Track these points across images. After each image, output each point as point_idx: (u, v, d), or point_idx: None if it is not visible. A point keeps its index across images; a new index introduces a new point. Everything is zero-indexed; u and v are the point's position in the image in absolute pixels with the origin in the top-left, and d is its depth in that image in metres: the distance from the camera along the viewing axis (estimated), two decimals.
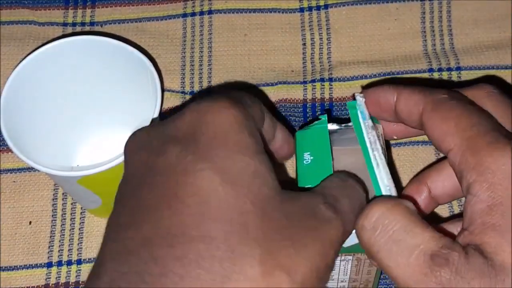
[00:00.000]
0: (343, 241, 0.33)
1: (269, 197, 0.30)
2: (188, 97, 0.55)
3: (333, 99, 0.55)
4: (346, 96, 0.55)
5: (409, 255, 0.31)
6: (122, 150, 0.36)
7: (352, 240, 0.37)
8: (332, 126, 0.40)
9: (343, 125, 0.41)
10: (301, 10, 0.58)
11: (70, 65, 0.47)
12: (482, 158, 0.32)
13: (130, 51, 0.46)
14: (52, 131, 0.49)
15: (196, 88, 0.56)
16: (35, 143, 0.46)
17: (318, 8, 0.58)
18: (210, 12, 0.58)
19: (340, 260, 0.39)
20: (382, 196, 0.36)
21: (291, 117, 0.54)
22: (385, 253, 0.32)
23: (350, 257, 0.39)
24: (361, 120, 0.39)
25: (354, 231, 0.36)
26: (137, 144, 0.33)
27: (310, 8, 0.58)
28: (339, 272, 0.41)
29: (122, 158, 0.42)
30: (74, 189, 0.45)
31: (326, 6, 0.58)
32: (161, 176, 0.30)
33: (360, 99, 0.40)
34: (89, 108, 0.50)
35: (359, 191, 0.35)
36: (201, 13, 0.58)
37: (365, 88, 0.41)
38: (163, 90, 0.48)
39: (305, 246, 0.30)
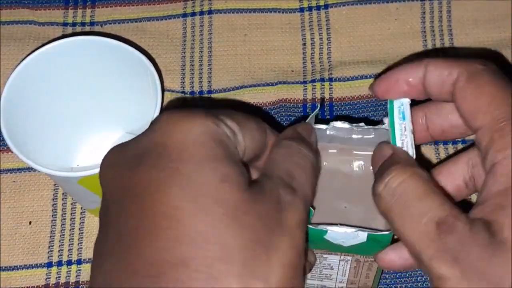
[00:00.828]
0: (307, 214, 0.34)
1: (240, 201, 0.30)
2: (188, 97, 0.55)
3: (333, 99, 0.55)
4: (346, 96, 0.55)
5: (419, 221, 0.32)
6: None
7: (352, 240, 0.37)
8: (341, 124, 0.40)
9: (354, 124, 0.40)
10: (301, 10, 0.58)
11: (70, 65, 0.47)
12: (509, 142, 0.33)
13: (130, 51, 0.46)
14: (52, 131, 0.49)
15: (196, 88, 0.56)
16: (35, 143, 0.46)
17: (318, 8, 0.58)
18: (210, 12, 0.58)
19: (339, 260, 0.39)
20: (400, 163, 0.36)
21: (291, 117, 0.54)
22: (399, 219, 0.33)
23: (350, 258, 0.39)
24: (398, 120, 0.38)
25: (354, 232, 0.36)
26: (111, 165, 0.33)
27: (310, 8, 0.58)
28: (337, 272, 0.40)
29: None
30: (74, 189, 0.45)
31: (326, 6, 0.58)
32: (136, 198, 0.30)
33: (406, 101, 0.38)
34: (89, 108, 0.50)
35: (304, 152, 0.35)
36: (201, 13, 0.58)
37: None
38: (163, 90, 0.48)
39: (277, 249, 0.30)
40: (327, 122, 0.40)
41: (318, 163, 0.37)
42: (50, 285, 0.50)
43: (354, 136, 0.40)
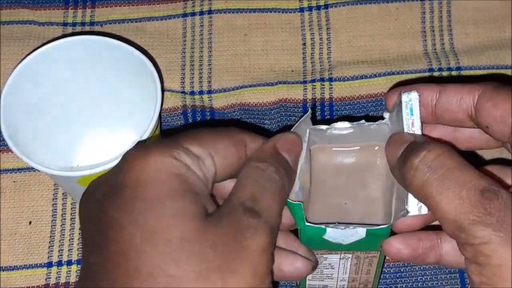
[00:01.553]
0: (275, 236, 0.33)
1: (192, 232, 0.31)
2: (188, 97, 0.55)
3: (333, 99, 0.55)
4: (346, 96, 0.55)
5: (461, 189, 0.32)
6: (122, 150, 0.36)
7: (351, 237, 0.37)
8: (342, 124, 0.40)
9: (355, 123, 0.40)
10: (301, 10, 0.58)
11: (70, 65, 0.47)
12: None
13: (130, 51, 0.46)
14: (52, 131, 0.49)
15: (196, 88, 0.56)
16: (35, 143, 0.46)
17: (318, 8, 0.58)
18: (210, 12, 0.58)
19: (340, 259, 0.40)
20: (429, 142, 0.36)
21: (291, 117, 0.54)
22: (438, 189, 0.33)
23: (350, 255, 0.39)
24: (405, 115, 0.38)
25: (352, 229, 0.36)
26: (85, 201, 0.34)
27: (310, 8, 0.58)
28: (338, 271, 0.41)
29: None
30: (74, 189, 0.45)
31: (326, 6, 0.58)
32: (99, 235, 0.32)
33: (415, 96, 0.38)
34: (89, 108, 0.50)
35: (271, 176, 0.35)
36: (201, 13, 0.58)
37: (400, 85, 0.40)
38: (163, 90, 0.48)
39: (235, 274, 0.30)
40: (328, 122, 0.40)
41: (288, 185, 0.36)
42: (50, 285, 0.50)
43: (353, 132, 0.40)
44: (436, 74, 0.55)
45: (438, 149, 0.34)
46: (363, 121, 0.40)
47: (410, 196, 0.35)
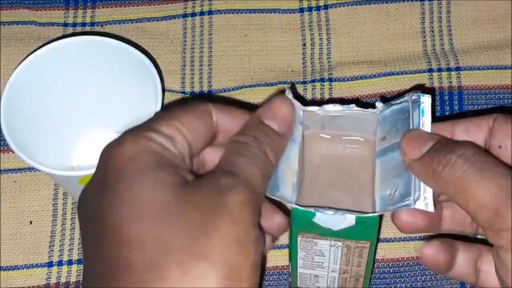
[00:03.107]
0: (258, 196, 0.34)
1: (173, 197, 0.32)
2: (188, 97, 0.55)
3: (333, 99, 0.55)
4: (346, 96, 0.55)
5: (500, 178, 0.34)
6: None
7: (341, 223, 0.37)
8: (334, 107, 0.40)
9: (345, 106, 0.40)
10: (301, 10, 0.58)
11: (70, 65, 0.47)
12: None
13: (130, 51, 0.46)
14: (52, 131, 0.49)
15: (196, 88, 0.56)
16: (35, 143, 0.46)
17: (318, 8, 0.58)
18: (210, 12, 0.58)
19: (330, 246, 0.40)
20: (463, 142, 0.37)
21: None
22: (476, 179, 0.34)
23: (340, 244, 0.39)
24: (416, 116, 0.39)
25: (342, 215, 0.37)
26: (80, 204, 0.36)
27: (310, 8, 0.58)
28: (329, 260, 0.41)
29: None
30: (75, 188, 0.45)
31: (326, 6, 0.58)
32: (93, 222, 0.34)
33: (428, 100, 0.39)
34: (89, 108, 0.50)
35: (249, 144, 0.36)
36: (201, 13, 0.58)
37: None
38: (163, 90, 0.48)
39: (217, 228, 0.32)
40: (319, 104, 0.41)
41: (273, 151, 0.37)
42: (51, 284, 0.50)
43: (345, 118, 0.41)
44: (435, 74, 0.55)
45: (474, 148, 0.35)
46: (353, 105, 0.40)
47: (421, 190, 0.36)
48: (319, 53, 0.57)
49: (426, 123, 0.38)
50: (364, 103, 0.40)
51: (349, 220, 0.37)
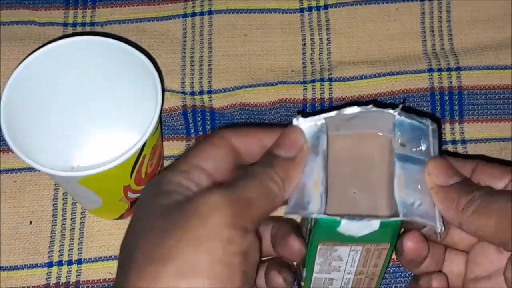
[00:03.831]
0: (245, 201, 0.36)
1: (155, 218, 0.36)
2: (188, 97, 0.55)
3: (333, 99, 0.55)
4: (346, 96, 0.55)
5: None
6: (122, 150, 0.36)
7: (364, 229, 0.37)
8: (351, 110, 0.40)
9: (363, 107, 0.40)
10: (301, 10, 0.58)
11: (71, 65, 0.47)
12: None
13: (130, 51, 0.46)
14: (52, 131, 0.49)
15: (196, 88, 0.56)
16: (35, 143, 0.46)
17: (318, 8, 0.58)
18: (210, 12, 0.58)
19: (350, 251, 0.40)
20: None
21: (291, 117, 0.54)
22: (503, 213, 0.36)
23: (360, 248, 0.39)
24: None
25: (367, 221, 0.37)
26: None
27: (310, 9, 0.58)
28: (346, 263, 0.41)
29: (123, 158, 0.42)
30: (75, 189, 0.45)
31: (326, 7, 0.58)
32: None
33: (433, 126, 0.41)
34: (89, 108, 0.50)
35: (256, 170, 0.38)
36: (201, 13, 0.58)
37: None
38: (163, 90, 0.48)
39: (175, 230, 0.34)
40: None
41: (277, 176, 0.38)
42: (51, 285, 0.50)
43: (359, 118, 0.41)
44: (435, 74, 0.55)
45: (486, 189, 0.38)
46: (371, 105, 0.40)
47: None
48: (319, 53, 0.57)
49: (432, 128, 0.41)
50: (381, 103, 0.41)
51: (374, 225, 0.37)
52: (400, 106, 0.40)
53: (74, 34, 0.56)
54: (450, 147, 0.54)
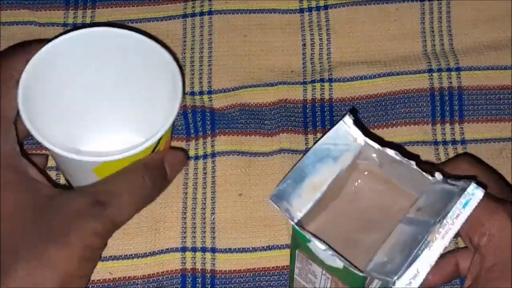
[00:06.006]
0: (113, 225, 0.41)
1: (31, 209, 0.40)
2: (188, 97, 0.55)
3: (333, 100, 0.55)
4: (346, 97, 0.55)
5: None
6: (135, 144, 0.39)
7: (331, 262, 0.37)
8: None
9: (405, 159, 0.40)
10: (301, 10, 0.58)
11: (91, 56, 0.46)
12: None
13: (153, 47, 0.45)
14: (61, 120, 0.47)
15: (196, 88, 0.56)
16: (50, 130, 0.45)
17: (318, 8, 0.58)
18: (210, 12, 0.58)
19: (322, 273, 0.40)
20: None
21: (291, 118, 0.54)
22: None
23: (330, 277, 0.39)
24: (459, 204, 0.39)
25: (332, 255, 0.36)
26: None
27: (310, 9, 0.58)
28: (320, 283, 0.41)
29: (142, 147, 0.41)
30: (85, 178, 0.44)
31: (326, 7, 0.58)
32: None
33: (480, 193, 0.39)
34: (101, 101, 0.49)
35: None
36: (201, 13, 0.58)
37: None
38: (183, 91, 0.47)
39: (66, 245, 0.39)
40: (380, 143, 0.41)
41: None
42: None
43: (403, 170, 0.40)
44: (435, 74, 0.55)
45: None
46: (413, 162, 0.40)
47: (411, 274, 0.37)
48: (319, 53, 0.57)
49: (461, 217, 0.38)
50: (422, 164, 0.41)
51: (338, 263, 0.37)
52: (439, 176, 0.40)
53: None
54: (450, 147, 0.54)
